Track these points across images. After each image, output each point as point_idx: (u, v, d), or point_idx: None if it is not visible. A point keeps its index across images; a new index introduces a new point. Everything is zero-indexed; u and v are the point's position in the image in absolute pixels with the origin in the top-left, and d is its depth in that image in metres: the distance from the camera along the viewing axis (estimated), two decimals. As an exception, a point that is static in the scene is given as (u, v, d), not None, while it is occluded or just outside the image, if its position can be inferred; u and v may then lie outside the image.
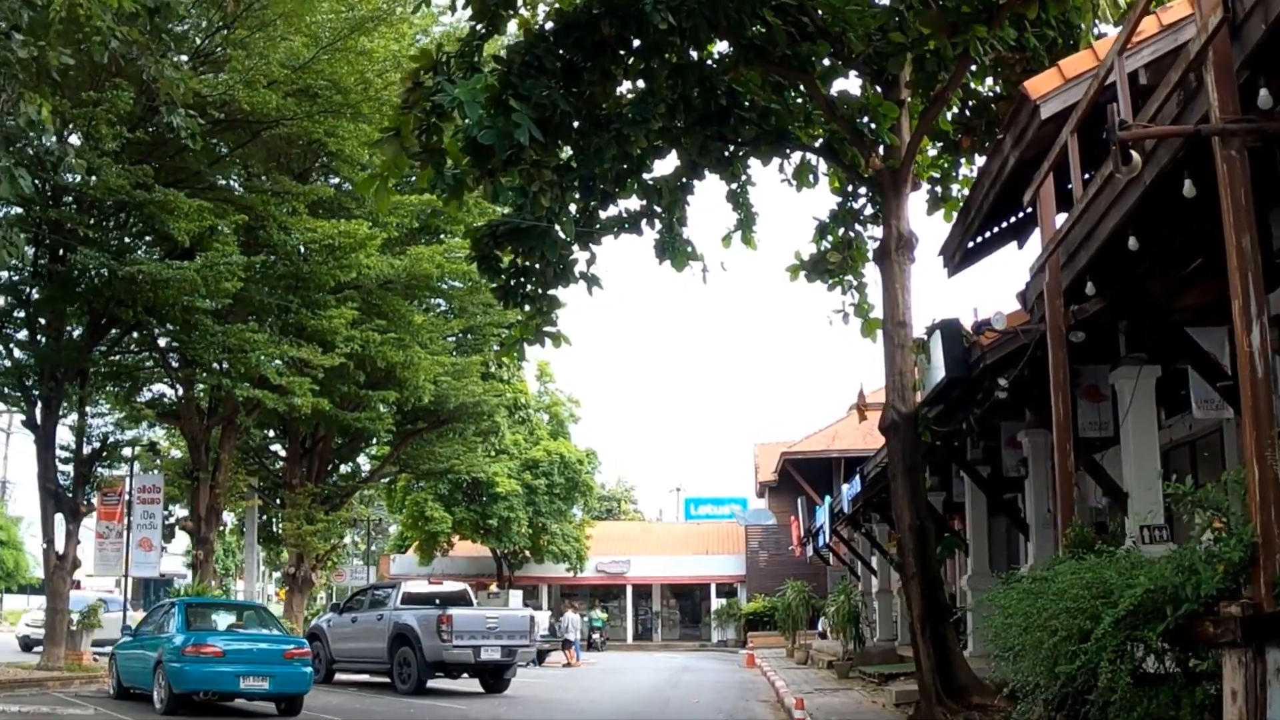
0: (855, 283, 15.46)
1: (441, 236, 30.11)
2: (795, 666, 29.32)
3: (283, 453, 35.32)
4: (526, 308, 14.23)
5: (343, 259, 24.98)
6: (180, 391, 28.61)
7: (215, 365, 24.38)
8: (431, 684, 22.31)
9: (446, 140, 12.23)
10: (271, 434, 35.87)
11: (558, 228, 13.16)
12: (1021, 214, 14.24)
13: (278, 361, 24.00)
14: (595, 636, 47.25)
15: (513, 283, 14.03)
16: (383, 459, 36.71)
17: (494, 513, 46.04)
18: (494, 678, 22.68)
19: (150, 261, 21.21)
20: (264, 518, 37.55)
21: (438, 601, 23.05)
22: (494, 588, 41.35)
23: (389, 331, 26.90)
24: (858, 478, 22.93)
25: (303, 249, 24.53)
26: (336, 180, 28.47)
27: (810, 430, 45.82)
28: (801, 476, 43.77)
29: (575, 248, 14.10)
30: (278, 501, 34.79)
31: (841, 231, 15.42)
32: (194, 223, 20.78)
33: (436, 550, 48.72)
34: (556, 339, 14.51)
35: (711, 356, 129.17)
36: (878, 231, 14.45)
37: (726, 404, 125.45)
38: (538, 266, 13.83)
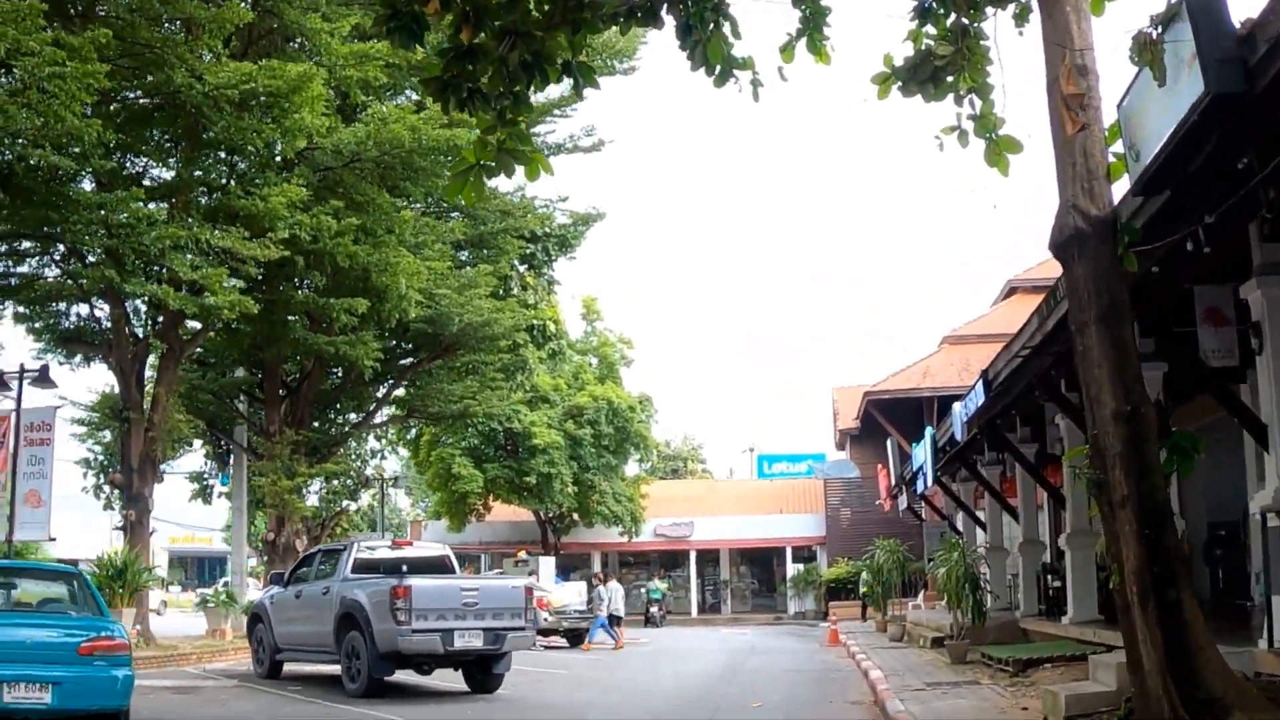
0: (976, 84, 9.36)
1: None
2: (890, 645, 23.17)
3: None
4: (481, 114, 7.99)
5: (282, 118, 18.78)
6: (108, 311, 22.95)
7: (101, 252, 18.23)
8: (398, 679, 16.21)
9: None
10: (247, 373, 29.74)
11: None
12: None
13: (189, 253, 17.90)
14: (654, 610, 41.32)
15: (455, 71, 7.75)
16: (378, 399, 30.34)
17: (532, 468, 39.68)
18: (480, 671, 16.44)
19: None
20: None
21: (404, 570, 16.78)
22: (523, 554, 35.05)
23: (349, 217, 20.57)
24: (980, 385, 16.22)
25: (215, 96, 18.22)
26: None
27: (895, 368, 39.13)
28: (888, 420, 37.39)
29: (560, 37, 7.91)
30: (258, 455, 28.76)
31: (952, 20, 9.30)
32: (25, 33, 14.53)
33: (470, 514, 42.65)
34: (532, 164, 8.26)
35: (782, 286, 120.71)
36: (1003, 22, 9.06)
37: (801, 349, 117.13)
38: (499, 50, 7.60)
